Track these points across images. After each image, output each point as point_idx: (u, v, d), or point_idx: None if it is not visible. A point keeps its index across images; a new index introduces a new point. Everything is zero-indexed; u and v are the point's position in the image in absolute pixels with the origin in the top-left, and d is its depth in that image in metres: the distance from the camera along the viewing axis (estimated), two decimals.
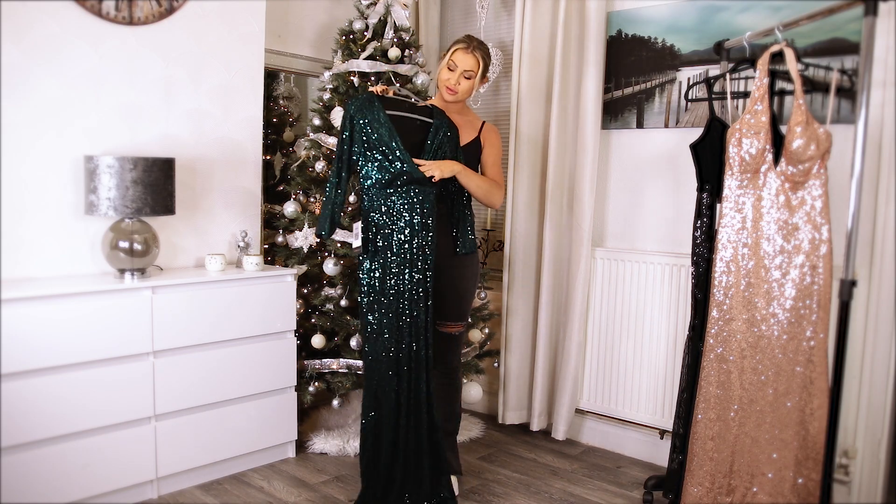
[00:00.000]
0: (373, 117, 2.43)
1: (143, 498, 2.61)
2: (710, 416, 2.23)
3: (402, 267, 2.42)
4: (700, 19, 2.90)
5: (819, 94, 2.56)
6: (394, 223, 2.43)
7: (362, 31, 3.20)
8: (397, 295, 2.42)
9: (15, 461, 2.27)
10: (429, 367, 2.45)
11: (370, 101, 2.47)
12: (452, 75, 2.58)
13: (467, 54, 2.57)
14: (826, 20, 2.40)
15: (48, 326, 2.31)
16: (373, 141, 2.42)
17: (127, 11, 2.66)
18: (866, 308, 2.45)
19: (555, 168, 3.15)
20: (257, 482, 2.80)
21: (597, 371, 3.23)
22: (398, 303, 2.42)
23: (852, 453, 2.49)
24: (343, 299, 3.12)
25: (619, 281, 3.13)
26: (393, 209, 2.43)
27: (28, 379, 2.29)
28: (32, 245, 2.52)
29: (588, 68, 3.06)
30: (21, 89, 2.45)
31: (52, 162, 2.54)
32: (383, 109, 2.46)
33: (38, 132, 2.50)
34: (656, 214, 3.09)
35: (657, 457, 3.08)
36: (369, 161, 2.43)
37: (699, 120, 2.89)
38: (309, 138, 3.23)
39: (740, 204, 2.17)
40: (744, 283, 2.17)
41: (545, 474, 2.95)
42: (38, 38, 2.47)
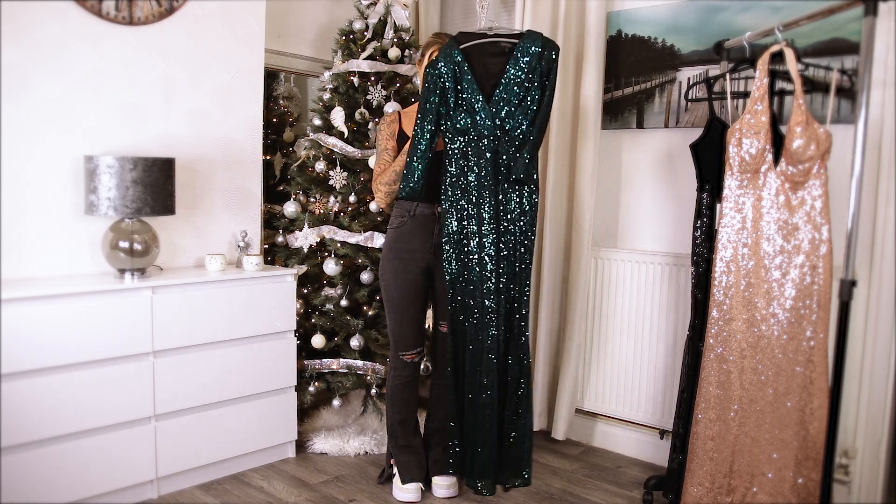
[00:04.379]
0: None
1: (143, 498, 2.61)
2: (710, 416, 2.23)
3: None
4: (700, 19, 2.90)
5: (819, 94, 2.55)
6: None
7: (362, 31, 3.20)
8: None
9: (15, 461, 2.27)
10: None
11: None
12: None
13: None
14: (826, 20, 2.40)
15: (48, 326, 2.31)
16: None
17: (127, 11, 2.66)
18: (866, 308, 2.45)
19: (555, 168, 3.15)
20: (257, 482, 2.80)
21: (597, 371, 3.23)
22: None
23: (852, 453, 2.49)
24: (343, 299, 3.12)
25: (619, 281, 3.13)
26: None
27: (28, 379, 2.29)
28: (33, 245, 2.52)
29: (588, 68, 3.06)
30: (21, 89, 2.45)
31: (52, 162, 2.54)
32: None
33: (38, 132, 2.50)
34: (656, 214, 3.09)
35: (657, 457, 3.08)
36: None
37: (699, 120, 2.89)
38: (309, 138, 3.23)
39: (740, 204, 2.17)
40: (744, 283, 2.17)
41: (545, 474, 2.95)
42: (39, 39, 2.47)
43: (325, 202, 3.17)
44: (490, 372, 2.47)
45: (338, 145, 3.12)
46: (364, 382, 3.14)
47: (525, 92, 2.40)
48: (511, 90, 2.40)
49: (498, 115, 2.40)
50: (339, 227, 3.12)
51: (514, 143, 2.42)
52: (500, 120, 2.39)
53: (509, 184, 2.45)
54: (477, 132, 2.37)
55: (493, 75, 2.40)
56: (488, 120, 2.38)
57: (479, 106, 2.37)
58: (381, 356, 3.14)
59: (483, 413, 2.49)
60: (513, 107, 2.40)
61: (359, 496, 2.70)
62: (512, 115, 2.41)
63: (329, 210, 3.15)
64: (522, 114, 2.41)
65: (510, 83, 2.39)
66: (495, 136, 2.40)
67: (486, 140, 2.41)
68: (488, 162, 2.42)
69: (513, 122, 2.40)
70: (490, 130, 2.39)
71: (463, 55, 2.39)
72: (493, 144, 2.41)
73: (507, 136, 2.41)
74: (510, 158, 2.43)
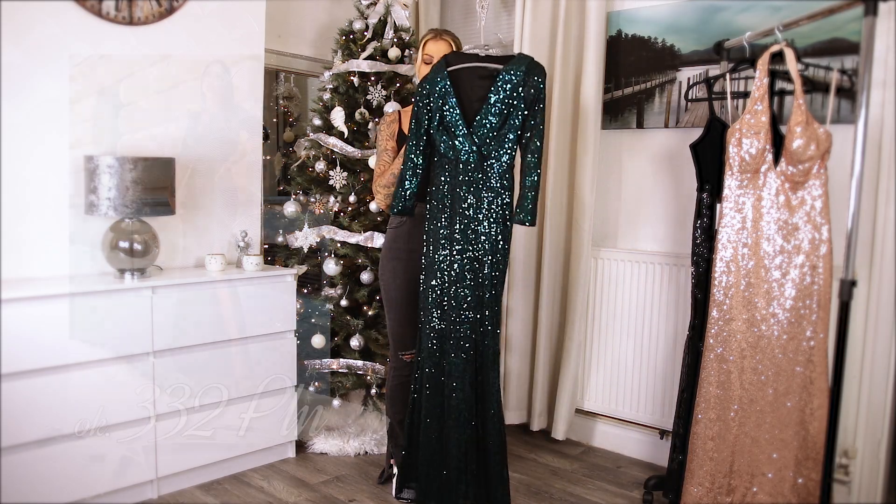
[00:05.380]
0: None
1: (143, 498, 2.61)
2: (710, 416, 2.23)
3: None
4: (700, 19, 2.90)
5: (819, 94, 2.55)
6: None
7: (362, 31, 3.20)
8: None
9: (15, 461, 2.27)
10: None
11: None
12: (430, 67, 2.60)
13: (437, 41, 2.63)
14: (826, 20, 2.40)
15: (48, 326, 2.31)
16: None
17: (127, 11, 2.66)
18: (866, 308, 2.45)
19: (555, 168, 3.15)
20: (257, 482, 2.80)
21: (597, 371, 3.23)
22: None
23: (852, 453, 2.49)
24: (343, 299, 3.12)
25: (619, 281, 3.13)
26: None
27: (28, 379, 2.29)
28: (33, 245, 2.52)
29: (588, 68, 3.06)
30: (21, 89, 2.45)
31: (52, 162, 2.54)
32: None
33: (38, 132, 2.50)
34: (656, 214, 3.09)
35: (657, 457, 3.08)
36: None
37: (699, 120, 2.89)
38: (309, 138, 3.23)
39: (740, 204, 2.17)
40: (744, 283, 2.17)
41: (545, 474, 2.95)
42: (39, 39, 2.47)
43: (325, 202, 3.17)
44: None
45: (338, 145, 3.12)
46: (364, 382, 3.14)
47: (504, 119, 2.36)
48: (491, 116, 2.35)
49: (478, 141, 2.36)
50: (339, 227, 3.12)
51: (489, 169, 2.37)
52: (477, 145, 2.36)
53: (475, 208, 2.38)
54: (456, 156, 2.37)
55: (479, 99, 2.38)
56: (468, 144, 2.36)
57: (460, 130, 2.35)
58: (381, 356, 3.14)
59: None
60: (493, 132, 2.36)
61: (359, 496, 2.70)
62: (490, 141, 2.36)
63: (329, 210, 3.15)
64: (497, 142, 2.36)
65: (489, 109, 2.35)
66: (474, 162, 2.37)
67: (465, 163, 2.38)
68: (466, 185, 2.37)
69: (488, 149, 2.37)
70: (467, 155, 2.36)
71: (451, 77, 2.38)
72: (472, 169, 2.38)
73: (486, 161, 2.38)
74: (482, 188, 2.38)
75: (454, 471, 2.39)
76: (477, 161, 2.36)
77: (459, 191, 2.37)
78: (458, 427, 2.38)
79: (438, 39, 2.63)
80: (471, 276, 2.38)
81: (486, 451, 2.43)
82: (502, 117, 2.36)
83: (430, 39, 2.64)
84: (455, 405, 2.38)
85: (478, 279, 2.38)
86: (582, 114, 3.09)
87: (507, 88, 2.35)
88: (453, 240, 2.38)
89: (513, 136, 2.37)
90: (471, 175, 2.37)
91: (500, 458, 2.42)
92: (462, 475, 2.40)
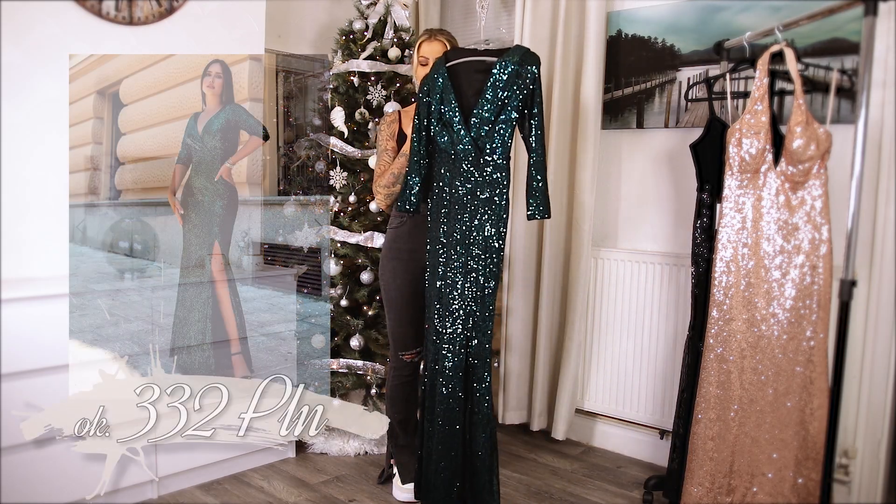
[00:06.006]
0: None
1: (143, 498, 2.61)
2: (710, 416, 2.23)
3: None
4: (700, 19, 2.90)
5: (819, 94, 2.55)
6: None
7: (362, 31, 3.20)
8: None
9: (15, 461, 2.27)
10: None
11: None
12: (427, 69, 2.60)
13: (432, 42, 2.62)
14: (826, 20, 2.40)
15: (48, 326, 2.31)
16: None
17: (127, 11, 2.66)
18: (866, 308, 2.45)
19: (555, 168, 3.14)
20: (257, 482, 2.80)
21: (597, 371, 3.23)
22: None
23: (852, 453, 2.49)
24: (343, 299, 3.12)
25: (619, 281, 3.13)
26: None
27: (28, 379, 2.29)
28: (33, 245, 2.52)
29: (588, 68, 3.06)
30: (21, 89, 2.45)
31: (52, 162, 2.54)
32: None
33: (38, 132, 2.50)
34: (656, 214, 3.09)
35: (657, 457, 3.08)
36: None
37: (699, 120, 2.89)
38: (309, 138, 3.23)
39: (740, 204, 2.17)
40: (744, 283, 2.16)
41: (545, 474, 2.95)
42: (39, 39, 2.47)
43: (325, 202, 3.17)
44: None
45: (338, 145, 3.12)
46: (364, 382, 3.14)
47: (499, 110, 2.34)
48: (486, 108, 2.33)
49: (474, 134, 2.35)
50: (339, 227, 3.12)
51: (486, 164, 2.36)
52: (473, 138, 2.35)
53: (475, 206, 2.38)
54: (454, 150, 2.36)
55: (476, 93, 2.37)
56: (466, 139, 2.36)
57: (457, 125, 2.35)
58: (381, 356, 3.14)
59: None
60: (488, 124, 2.34)
61: (359, 496, 2.70)
62: (485, 133, 2.35)
63: (329, 210, 3.15)
64: (493, 133, 2.35)
65: (485, 102, 2.34)
66: (472, 156, 2.37)
67: (462, 159, 2.37)
68: (463, 179, 2.37)
69: (484, 141, 2.36)
70: (465, 150, 2.35)
71: (449, 73, 2.38)
72: (469, 164, 2.37)
73: (482, 156, 2.38)
74: (479, 183, 2.37)
75: (446, 471, 2.38)
76: (474, 155, 2.36)
77: (457, 185, 2.37)
78: (446, 427, 2.36)
79: (433, 40, 2.63)
80: (464, 274, 2.38)
81: (472, 457, 2.38)
82: (497, 109, 2.36)
83: (425, 41, 2.64)
84: (444, 407, 2.37)
85: (472, 276, 2.38)
86: (582, 114, 3.09)
87: (503, 79, 2.34)
88: (451, 235, 2.38)
89: (508, 127, 2.36)
90: (468, 169, 2.37)
91: (489, 464, 2.36)
92: (453, 478, 2.39)
